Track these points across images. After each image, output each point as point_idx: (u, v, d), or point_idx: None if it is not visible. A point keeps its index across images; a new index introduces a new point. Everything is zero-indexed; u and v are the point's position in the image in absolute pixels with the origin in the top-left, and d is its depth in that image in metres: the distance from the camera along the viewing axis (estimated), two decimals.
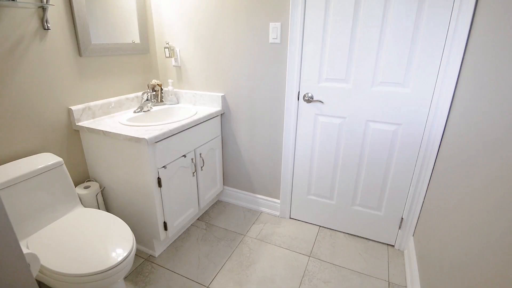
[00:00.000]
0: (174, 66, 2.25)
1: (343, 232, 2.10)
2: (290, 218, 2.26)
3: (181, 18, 2.07)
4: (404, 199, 1.82)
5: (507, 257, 0.72)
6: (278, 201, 2.25)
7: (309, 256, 1.86)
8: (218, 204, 2.43)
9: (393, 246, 1.96)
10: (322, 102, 1.84)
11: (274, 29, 1.80)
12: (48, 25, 1.53)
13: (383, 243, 1.99)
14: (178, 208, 1.87)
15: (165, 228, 1.78)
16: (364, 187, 1.91)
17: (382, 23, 1.55)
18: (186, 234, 2.06)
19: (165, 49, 2.16)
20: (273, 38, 1.83)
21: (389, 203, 1.87)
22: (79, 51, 1.70)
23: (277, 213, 2.28)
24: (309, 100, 1.86)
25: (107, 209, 1.92)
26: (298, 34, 1.74)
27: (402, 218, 1.86)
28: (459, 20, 1.38)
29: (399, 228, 1.90)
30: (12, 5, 1.37)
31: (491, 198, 0.87)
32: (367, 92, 1.70)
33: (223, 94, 2.13)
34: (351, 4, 1.58)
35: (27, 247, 1.28)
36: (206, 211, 2.33)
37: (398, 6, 1.49)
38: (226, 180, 2.43)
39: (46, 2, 1.47)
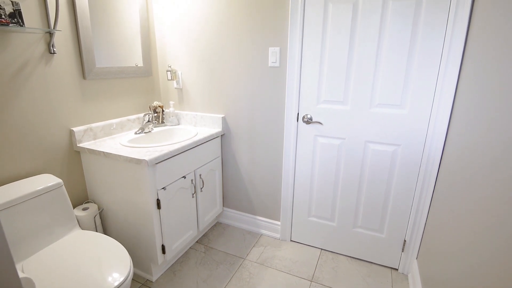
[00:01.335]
0: (175, 88, 2.29)
1: (345, 255, 2.05)
2: (291, 240, 2.22)
3: (184, 43, 2.14)
4: (406, 220, 1.79)
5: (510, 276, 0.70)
6: (279, 223, 2.21)
7: (311, 281, 1.81)
8: (217, 226, 2.39)
9: (396, 269, 1.92)
10: (321, 124, 1.86)
11: (273, 53, 1.86)
12: (54, 49, 1.57)
13: (386, 266, 1.94)
14: (176, 231, 1.84)
15: (163, 251, 1.74)
16: (365, 209, 1.90)
17: (378, 46, 1.60)
18: (184, 257, 2.01)
19: (167, 72, 2.21)
20: (272, 62, 1.88)
21: (391, 224, 1.84)
22: (83, 74, 1.74)
23: (278, 236, 2.24)
24: (308, 121, 1.88)
25: (105, 231, 1.88)
26: (297, 58, 1.80)
27: (404, 241, 1.83)
28: (453, 41, 1.43)
29: (402, 251, 1.86)
30: (20, 31, 1.42)
31: (492, 217, 0.86)
32: (365, 114, 1.73)
33: (223, 116, 2.16)
34: (347, 29, 1.64)
35: (23, 271, 1.25)
36: (205, 233, 2.29)
37: (393, 29, 1.55)
38: (226, 202, 2.40)
39: (53, 28, 1.52)
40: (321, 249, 2.12)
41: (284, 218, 2.17)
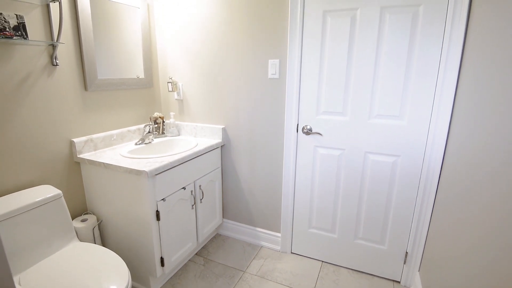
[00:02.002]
0: (176, 99, 2.31)
1: (347, 268, 2.02)
2: (291, 252, 2.19)
3: (185, 55, 2.17)
4: (408, 231, 1.78)
5: None
6: (279, 234, 2.19)
7: None
8: (217, 238, 2.36)
9: (399, 282, 1.88)
10: (320, 134, 1.87)
11: (273, 65, 1.88)
12: (57, 61, 1.59)
13: (388, 279, 1.91)
14: (175, 243, 1.82)
15: (162, 264, 1.72)
16: (366, 220, 1.88)
17: (376, 58, 1.62)
18: (183, 270, 1.98)
19: (168, 83, 2.24)
20: (272, 74, 1.90)
21: (393, 236, 1.83)
22: (85, 86, 1.75)
23: (278, 248, 2.21)
24: (308, 132, 1.89)
25: (103, 243, 1.86)
26: (296, 69, 1.82)
27: (406, 252, 1.81)
28: (450, 52, 1.45)
29: (404, 263, 1.83)
30: (24, 43, 1.45)
31: (494, 227, 0.86)
32: (365, 125, 1.74)
33: (223, 127, 2.17)
34: (345, 41, 1.67)
35: (20, 284, 1.23)
36: (205, 245, 2.27)
37: (390, 41, 1.57)
38: (225, 213, 2.38)
39: (57, 40, 1.55)
40: (322, 261, 2.09)
41: (284, 229, 2.14)
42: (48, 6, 1.52)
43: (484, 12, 1.19)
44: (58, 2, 1.53)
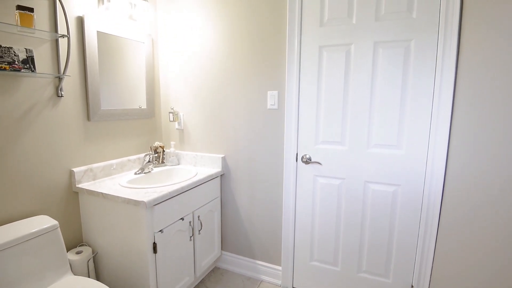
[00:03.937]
0: (177, 129, 2.34)
1: None
2: (293, 287, 2.10)
3: (187, 87, 2.24)
4: (413, 262, 1.72)
5: None
6: (280, 268, 2.12)
7: None
8: (215, 272, 2.28)
9: None
10: (320, 164, 1.87)
11: (271, 96, 1.93)
12: (62, 92, 1.64)
13: None
14: (172, 277, 1.75)
15: None
16: (369, 251, 1.83)
17: (371, 89, 1.68)
18: None
19: (170, 113, 2.28)
20: (271, 105, 1.95)
21: (397, 268, 1.76)
22: (88, 116, 1.79)
23: (279, 282, 2.13)
24: (307, 161, 1.89)
25: (98, 277, 1.79)
26: (294, 100, 1.87)
27: (412, 286, 1.74)
28: (443, 81, 1.49)
29: None
30: (31, 75, 1.50)
31: (501, 252, 0.84)
32: (363, 154, 1.75)
33: (223, 156, 2.18)
34: (341, 74, 1.73)
35: None
36: (202, 279, 2.18)
37: (384, 73, 1.63)
38: (224, 245, 2.32)
39: (63, 73, 1.60)
40: None
41: (285, 262, 2.07)
42: (57, 41, 1.59)
43: (474, 41, 1.25)
44: (67, 38, 1.60)
